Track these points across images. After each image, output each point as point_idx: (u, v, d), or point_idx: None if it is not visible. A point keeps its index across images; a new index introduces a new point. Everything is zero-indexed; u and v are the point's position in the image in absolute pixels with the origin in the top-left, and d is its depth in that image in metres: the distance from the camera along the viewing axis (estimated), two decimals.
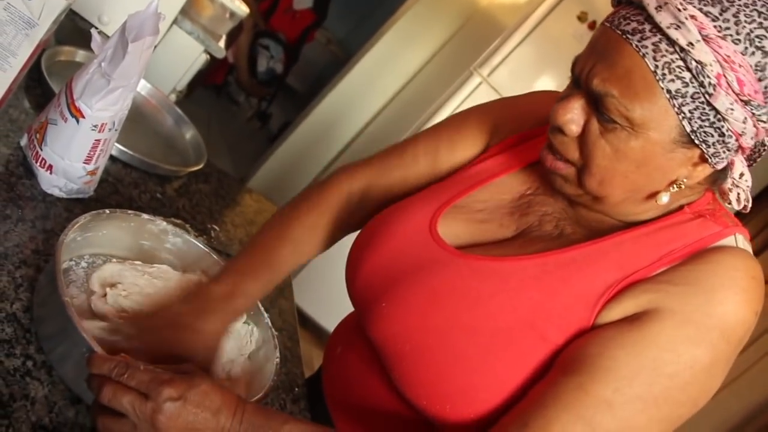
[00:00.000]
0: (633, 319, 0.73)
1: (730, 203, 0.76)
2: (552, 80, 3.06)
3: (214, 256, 1.04)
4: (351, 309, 0.99)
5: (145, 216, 0.97)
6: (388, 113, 3.57)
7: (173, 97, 2.11)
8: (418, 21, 3.52)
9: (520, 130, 0.95)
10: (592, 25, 2.96)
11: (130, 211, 0.96)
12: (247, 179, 3.82)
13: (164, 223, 1.00)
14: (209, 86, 5.07)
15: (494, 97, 2.96)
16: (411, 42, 3.54)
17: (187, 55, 2.02)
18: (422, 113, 3.10)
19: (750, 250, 0.78)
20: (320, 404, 1.03)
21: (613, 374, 0.71)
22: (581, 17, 2.96)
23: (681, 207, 0.80)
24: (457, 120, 1.02)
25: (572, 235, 0.84)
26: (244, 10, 2.20)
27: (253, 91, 5.28)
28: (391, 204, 0.96)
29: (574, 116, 0.75)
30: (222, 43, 2.13)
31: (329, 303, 3.25)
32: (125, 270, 0.93)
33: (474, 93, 2.97)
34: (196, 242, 1.04)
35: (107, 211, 0.92)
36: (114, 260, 0.95)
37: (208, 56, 2.10)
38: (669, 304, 0.72)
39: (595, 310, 0.75)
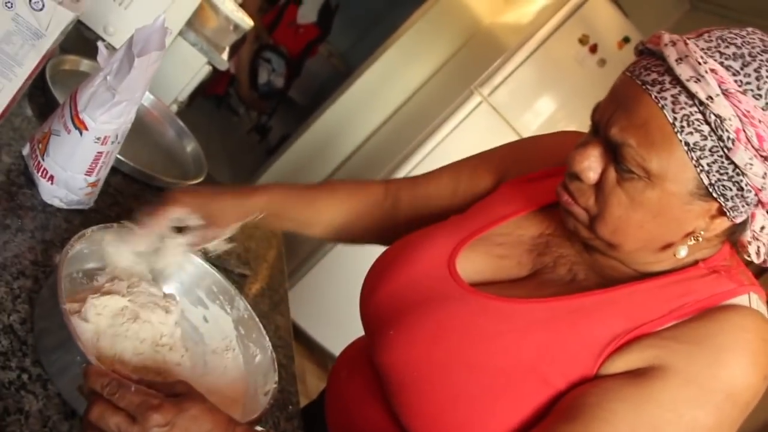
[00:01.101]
0: (636, 374, 0.72)
1: (749, 256, 0.76)
2: (552, 102, 3.08)
3: (218, 275, 1.04)
4: (345, 323, 1.00)
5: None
6: (388, 129, 3.58)
7: (174, 108, 2.11)
8: (420, 38, 3.55)
9: (542, 167, 0.96)
10: (593, 48, 2.98)
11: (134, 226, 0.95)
12: None
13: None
14: (210, 96, 5.07)
15: (494, 116, 3.00)
16: (413, 58, 3.56)
17: (190, 66, 2.03)
18: (422, 130, 3.11)
19: (765, 311, 0.77)
20: (320, 427, 1.02)
21: (610, 427, 0.70)
22: (582, 40, 2.98)
23: (696, 261, 0.79)
24: (483, 153, 1.05)
25: (584, 281, 0.84)
26: (248, 22, 2.21)
27: (253, 106, 5.28)
28: (415, 221, 0.98)
29: (591, 164, 0.75)
30: (225, 55, 2.14)
31: (323, 316, 3.25)
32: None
33: (474, 112, 2.99)
34: (202, 263, 1.04)
35: (114, 224, 0.92)
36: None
37: (211, 68, 2.11)
38: (674, 362, 0.71)
39: (600, 359, 0.74)
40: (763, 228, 0.74)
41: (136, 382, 0.70)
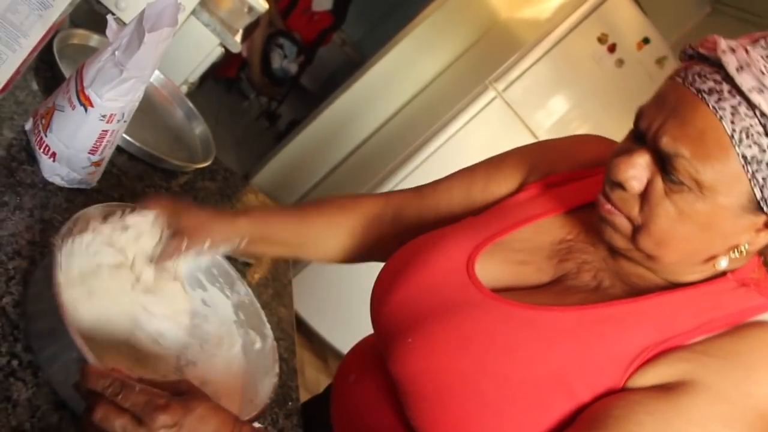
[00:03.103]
0: (666, 388, 0.69)
1: None
2: (567, 101, 3.03)
3: (219, 258, 1.00)
4: (346, 314, 0.97)
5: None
6: (399, 120, 3.54)
7: (184, 89, 2.07)
8: (436, 29, 3.49)
9: (561, 170, 0.92)
10: (611, 48, 2.93)
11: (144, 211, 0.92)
12: (252, 175, 3.78)
13: None
14: (220, 79, 5.03)
15: (507, 112, 2.96)
16: (427, 50, 3.51)
17: (202, 47, 1.99)
18: (433, 124, 3.06)
19: None
20: (322, 428, 0.99)
21: None
22: (601, 39, 2.93)
23: (724, 272, 0.76)
24: (496, 157, 1.01)
25: (610, 288, 0.81)
26: (263, 5, 2.17)
27: (264, 91, 5.24)
28: (421, 232, 0.93)
29: (637, 173, 0.71)
30: (238, 38, 2.10)
31: (324, 307, 3.22)
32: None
33: (487, 107, 2.94)
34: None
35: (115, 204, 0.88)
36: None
37: (223, 50, 2.07)
38: (705, 378, 0.68)
39: (628, 371, 0.72)
40: None
41: (138, 381, 0.66)
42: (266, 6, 2.15)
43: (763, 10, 3.10)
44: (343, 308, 3.14)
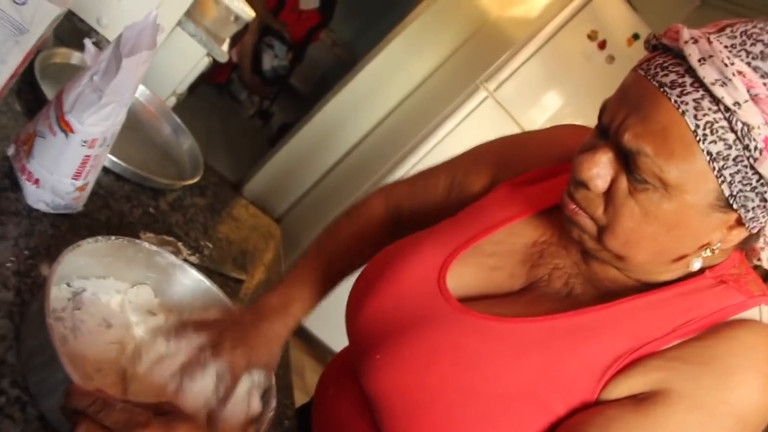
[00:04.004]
0: (640, 399, 0.68)
1: (759, 262, 0.71)
2: (559, 99, 3.02)
3: (209, 284, 0.99)
4: (344, 319, 0.95)
5: (154, 248, 0.93)
6: (391, 122, 3.53)
7: (173, 100, 2.06)
8: (426, 30, 3.48)
9: (536, 166, 0.90)
10: (602, 45, 2.92)
11: (132, 240, 0.91)
12: (246, 181, 3.77)
13: (172, 257, 0.96)
14: (212, 84, 5.02)
15: (499, 112, 2.95)
16: (418, 51, 3.50)
17: (188, 58, 1.97)
18: (426, 124, 3.05)
19: None
20: None
21: None
22: (591, 36, 2.92)
23: (702, 270, 0.73)
24: (475, 149, 0.99)
25: (582, 295, 0.79)
26: (249, 13, 2.16)
27: (255, 90, 5.24)
28: (417, 228, 0.92)
29: (600, 171, 0.68)
30: (225, 47, 2.08)
31: (322, 312, 3.20)
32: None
33: (479, 107, 2.93)
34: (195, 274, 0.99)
35: (100, 237, 0.87)
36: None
37: (211, 59, 2.05)
38: (680, 386, 0.66)
39: (601, 382, 0.70)
40: None
41: (122, 401, 0.65)
42: (252, 14, 2.13)
43: (752, 2, 3.09)
44: (340, 311, 3.12)
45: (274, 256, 1.52)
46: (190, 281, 0.98)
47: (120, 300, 0.89)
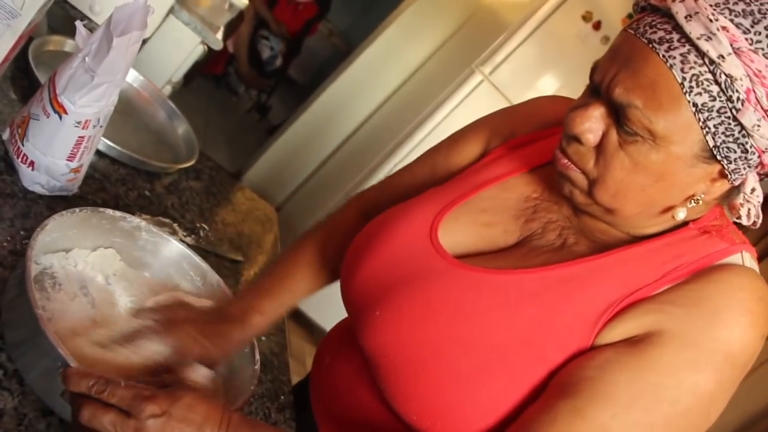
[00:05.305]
0: (634, 342, 0.70)
1: (739, 218, 0.73)
2: (555, 80, 3.02)
3: (190, 253, 1.01)
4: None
5: (118, 214, 0.93)
6: (388, 108, 3.53)
7: (168, 89, 2.07)
8: (421, 16, 3.48)
9: (522, 133, 0.92)
10: (596, 25, 2.92)
11: (106, 210, 0.92)
12: (245, 171, 3.78)
13: (137, 220, 0.96)
14: (208, 76, 5.02)
15: (495, 95, 2.95)
16: (413, 37, 3.50)
17: (183, 47, 1.98)
18: (423, 110, 3.06)
19: (757, 268, 0.75)
20: (306, 412, 1.00)
21: (611, 399, 0.67)
22: (586, 17, 2.92)
23: (686, 223, 0.76)
24: (456, 132, 1.01)
25: (575, 246, 0.81)
26: (242, 0, 2.17)
27: (253, 83, 5.24)
28: None
29: (592, 125, 0.71)
30: (220, 35, 2.09)
31: (322, 298, 3.21)
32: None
33: (475, 91, 2.94)
34: (170, 239, 1.00)
35: (77, 210, 0.87)
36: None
37: (205, 47, 2.07)
38: (671, 327, 0.69)
39: (595, 329, 0.72)
40: (753, 190, 0.71)
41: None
42: (245, 1, 2.14)
43: None
44: (340, 298, 3.14)
45: (272, 239, 1.54)
46: (157, 241, 0.99)
47: (84, 265, 0.90)
